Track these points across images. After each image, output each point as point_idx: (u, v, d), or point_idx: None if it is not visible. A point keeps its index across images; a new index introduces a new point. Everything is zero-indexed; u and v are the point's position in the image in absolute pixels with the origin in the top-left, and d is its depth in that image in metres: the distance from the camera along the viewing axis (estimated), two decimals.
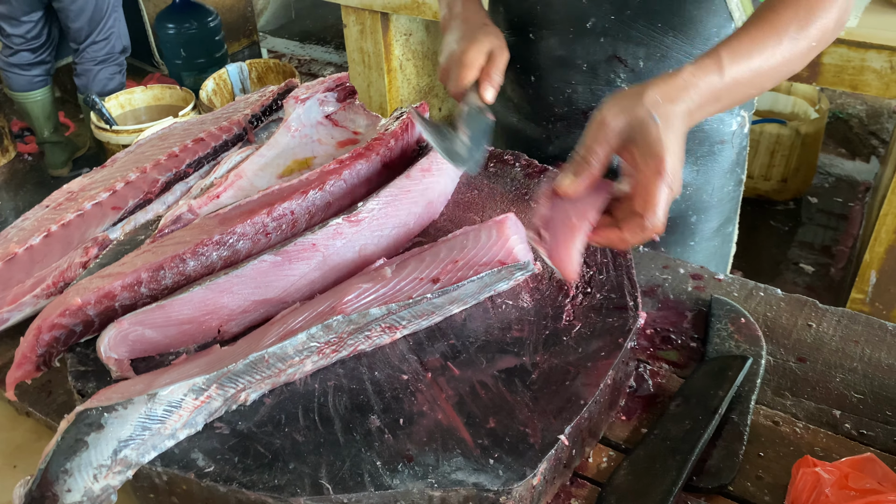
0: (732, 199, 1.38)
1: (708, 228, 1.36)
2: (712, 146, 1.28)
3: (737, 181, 1.37)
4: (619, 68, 1.19)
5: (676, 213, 1.31)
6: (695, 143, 1.26)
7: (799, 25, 0.93)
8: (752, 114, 1.32)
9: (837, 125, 3.83)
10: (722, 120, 1.26)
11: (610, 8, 1.14)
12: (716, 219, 1.36)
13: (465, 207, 1.15)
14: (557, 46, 1.22)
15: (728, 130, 1.28)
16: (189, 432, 0.80)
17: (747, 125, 1.31)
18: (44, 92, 3.20)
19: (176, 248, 0.96)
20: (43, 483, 0.73)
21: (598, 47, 1.18)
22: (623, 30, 1.16)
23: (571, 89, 1.24)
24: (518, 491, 0.75)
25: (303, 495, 0.74)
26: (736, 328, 1.00)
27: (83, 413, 0.76)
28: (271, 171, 1.15)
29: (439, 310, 0.93)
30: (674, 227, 1.31)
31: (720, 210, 1.36)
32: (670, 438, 0.85)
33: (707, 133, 1.26)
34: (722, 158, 1.30)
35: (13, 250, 1.05)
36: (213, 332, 0.93)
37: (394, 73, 3.02)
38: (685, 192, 1.30)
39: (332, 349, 0.87)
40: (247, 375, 0.82)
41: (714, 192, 1.33)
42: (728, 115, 1.26)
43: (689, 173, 1.29)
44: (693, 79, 0.85)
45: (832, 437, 0.88)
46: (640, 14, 1.14)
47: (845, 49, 2.10)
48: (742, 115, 1.29)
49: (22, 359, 0.90)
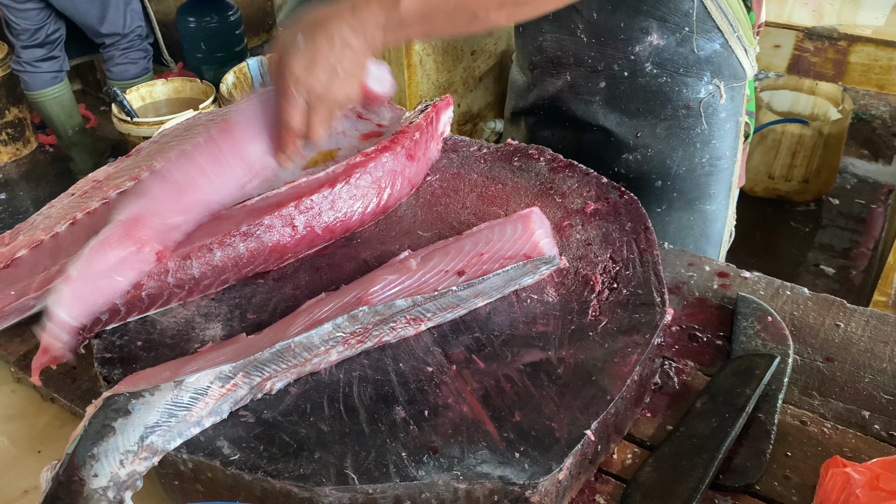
0: (710, 175, 1.34)
1: (679, 200, 1.34)
2: (676, 110, 1.27)
3: (714, 155, 1.31)
4: (577, 18, 1.23)
5: (639, 174, 1.33)
6: (656, 104, 1.27)
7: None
8: (733, 86, 1.27)
9: (860, 126, 3.79)
10: (686, 84, 1.25)
11: None
12: (687, 190, 1.34)
13: (490, 202, 1.14)
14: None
15: (694, 97, 1.25)
16: (214, 420, 0.81)
17: (724, 97, 1.27)
18: (59, 89, 3.21)
19: (204, 237, 0.96)
20: (70, 467, 0.74)
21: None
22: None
23: (542, 37, 1.31)
24: (544, 485, 0.74)
25: (328, 485, 0.74)
26: (762, 326, 0.99)
27: (110, 399, 0.76)
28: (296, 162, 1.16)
29: (464, 303, 0.92)
30: (637, 187, 1.28)
31: (692, 183, 1.33)
32: (696, 436, 0.84)
33: (668, 95, 1.26)
34: (689, 125, 1.28)
35: (39, 237, 1.05)
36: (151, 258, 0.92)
37: (413, 69, 3.02)
38: (646, 152, 1.30)
39: (358, 340, 0.87)
40: (273, 364, 0.82)
41: (682, 162, 1.31)
42: (695, 80, 1.24)
43: (650, 135, 1.29)
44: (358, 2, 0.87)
45: (861, 438, 0.87)
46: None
47: (872, 48, 2.07)
48: (716, 84, 1.25)
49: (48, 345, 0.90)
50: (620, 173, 1.33)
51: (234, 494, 0.78)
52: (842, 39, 2.09)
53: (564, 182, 1.16)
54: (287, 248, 1.02)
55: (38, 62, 3.13)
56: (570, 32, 1.25)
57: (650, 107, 1.27)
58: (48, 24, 3.09)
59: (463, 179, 1.20)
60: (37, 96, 3.19)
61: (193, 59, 3.89)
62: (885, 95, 3.94)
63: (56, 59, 3.18)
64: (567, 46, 1.27)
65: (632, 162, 1.32)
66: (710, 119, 1.29)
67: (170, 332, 0.94)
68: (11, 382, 1.04)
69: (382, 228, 1.11)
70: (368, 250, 1.06)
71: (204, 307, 0.98)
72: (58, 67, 3.19)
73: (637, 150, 1.31)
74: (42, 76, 3.15)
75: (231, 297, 0.99)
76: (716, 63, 1.24)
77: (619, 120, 1.30)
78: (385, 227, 1.11)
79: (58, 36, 3.16)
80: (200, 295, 0.99)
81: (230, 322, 0.95)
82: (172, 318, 0.96)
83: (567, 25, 1.25)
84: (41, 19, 3.07)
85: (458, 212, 1.13)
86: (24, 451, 0.95)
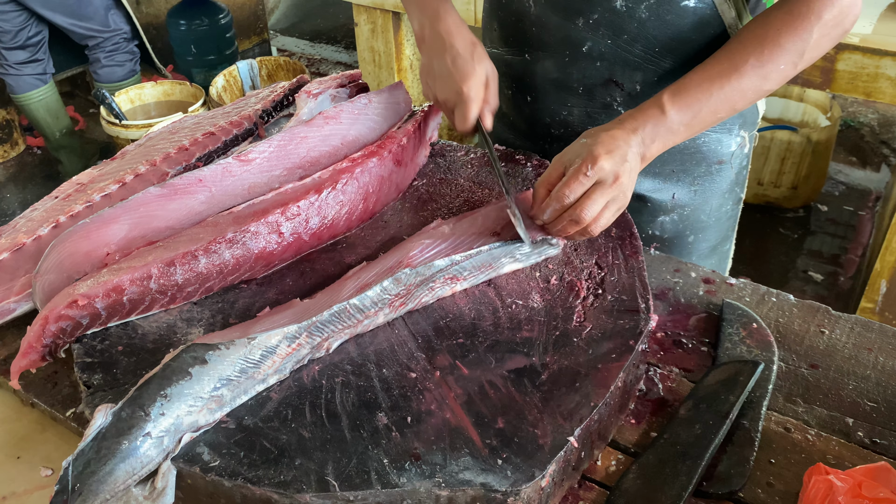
0: (731, 218, 1.37)
1: (705, 247, 1.35)
2: (710, 166, 1.26)
3: (735, 200, 1.35)
4: (615, 91, 1.18)
5: (674, 233, 1.30)
6: (692, 164, 1.25)
7: (761, 54, 0.98)
8: (753, 133, 1.29)
9: (848, 133, 3.81)
10: (720, 141, 1.24)
11: (607, 32, 1.12)
12: (713, 238, 1.35)
13: (476, 206, 1.14)
14: (553, 69, 1.20)
15: (727, 151, 1.26)
16: (279, 378, 0.85)
17: (748, 145, 1.29)
18: (44, 91, 3.20)
19: (189, 244, 0.96)
20: (135, 404, 0.76)
21: (594, 71, 1.17)
22: (620, 54, 1.14)
23: (567, 111, 1.23)
24: (526, 492, 0.74)
25: (308, 492, 0.73)
26: (748, 333, 0.99)
27: (190, 347, 0.81)
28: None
29: (496, 262, 0.97)
30: (671, 246, 1.30)
31: (718, 229, 1.34)
32: (680, 443, 0.84)
33: (705, 154, 1.24)
34: (721, 179, 1.28)
35: (21, 240, 1.04)
36: (101, 261, 0.97)
37: (404, 73, 3.02)
38: (683, 212, 1.28)
39: (401, 301, 0.93)
40: (331, 325, 0.88)
41: (712, 213, 1.31)
42: (727, 135, 1.24)
43: (686, 193, 1.27)
44: (630, 120, 0.98)
45: (845, 445, 0.86)
46: (638, 39, 1.12)
47: (860, 56, 2.08)
48: (742, 135, 1.26)
49: (28, 348, 0.90)
50: (655, 235, 1.30)
51: (214, 501, 0.77)
52: None
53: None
54: (273, 255, 1.01)
55: (20, 65, 3.12)
56: (604, 106, 1.20)
57: (685, 167, 1.25)
58: (29, 25, 3.08)
59: (450, 184, 1.20)
60: (22, 99, 3.17)
61: (183, 62, 3.88)
62: (873, 103, 3.96)
63: (39, 62, 3.16)
64: (599, 119, 1.21)
65: (667, 223, 1.29)
66: (736, 167, 1.30)
67: (151, 337, 0.93)
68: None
69: (368, 233, 1.10)
70: (353, 255, 1.06)
71: (186, 312, 0.97)
72: (41, 70, 3.18)
73: (674, 210, 1.28)
74: (26, 79, 3.14)
75: (214, 302, 0.98)
76: (744, 115, 1.24)
77: (655, 185, 1.26)
78: (371, 232, 1.11)
79: (40, 38, 3.15)
80: (184, 301, 0.98)
81: (212, 327, 0.94)
82: (154, 323, 0.95)
83: (601, 99, 1.20)
84: (21, 21, 3.06)
85: (444, 217, 1.12)
86: (3, 456, 0.94)
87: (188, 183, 1.04)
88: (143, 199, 1.02)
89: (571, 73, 1.18)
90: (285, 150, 1.11)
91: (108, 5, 3.19)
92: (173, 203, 1.03)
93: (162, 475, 0.75)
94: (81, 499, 0.71)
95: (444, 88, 1.09)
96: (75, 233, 0.98)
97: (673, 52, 1.13)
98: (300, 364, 0.87)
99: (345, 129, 1.17)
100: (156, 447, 0.76)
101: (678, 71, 1.13)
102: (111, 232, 0.99)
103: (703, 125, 1.01)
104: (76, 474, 0.72)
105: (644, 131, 0.97)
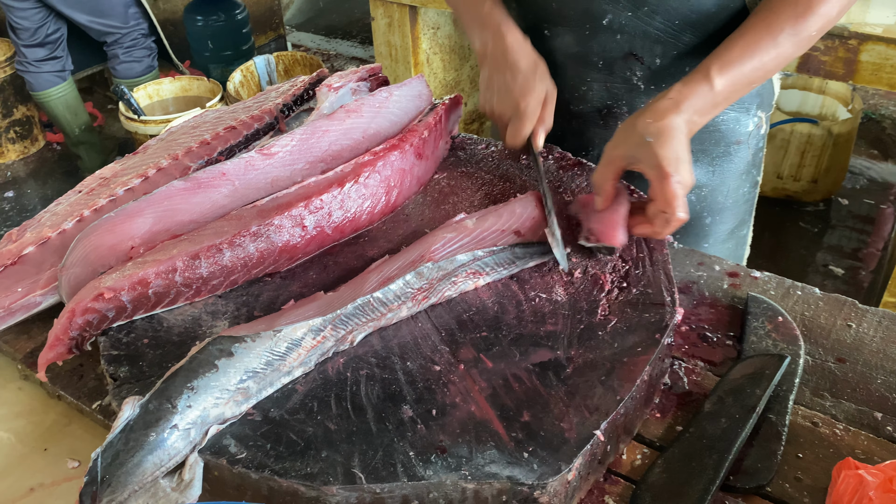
0: (748, 201, 1.35)
1: (723, 230, 1.34)
2: (728, 146, 1.25)
3: (752, 183, 1.34)
4: (635, 66, 1.17)
5: (692, 215, 1.27)
6: (711, 144, 1.24)
7: (796, 21, 0.97)
8: (769, 114, 1.29)
9: (870, 126, 3.76)
10: (738, 121, 1.23)
11: (627, 4, 1.12)
12: (730, 220, 1.34)
13: (498, 200, 1.13)
14: (573, 43, 1.19)
15: (745, 131, 1.25)
16: (304, 370, 0.86)
17: (765, 126, 1.28)
18: (63, 88, 3.21)
19: (213, 238, 0.96)
20: (162, 396, 0.77)
21: (614, 44, 1.16)
22: (640, 26, 1.13)
23: (587, 86, 1.23)
24: (553, 485, 0.73)
25: (335, 484, 0.73)
26: (773, 327, 0.98)
27: (216, 339, 0.81)
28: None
29: (519, 261, 0.98)
30: (688, 228, 1.28)
31: (735, 212, 1.33)
32: (706, 437, 0.83)
33: (723, 133, 1.24)
34: (738, 159, 1.27)
35: (46, 234, 1.05)
36: (126, 255, 0.98)
37: (421, 67, 3.01)
38: (700, 192, 1.28)
39: (424, 295, 0.93)
40: (355, 318, 0.89)
41: (729, 194, 1.30)
42: (745, 115, 1.24)
43: (704, 174, 1.26)
44: (680, 97, 0.97)
45: (874, 440, 0.86)
46: (658, 10, 1.11)
47: (883, 47, 2.05)
48: (759, 115, 1.25)
49: (54, 341, 0.90)
50: None
51: (241, 493, 0.77)
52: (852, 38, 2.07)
53: (573, 180, 1.15)
54: (297, 248, 1.02)
55: (39, 62, 3.14)
56: (625, 81, 1.19)
57: (704, 147, 1.24)
58: (48, 23, 3.10)
59: (471, 177, 1.19)
60: (41, 96, 3.19)
61: (200, 58, 3.89)
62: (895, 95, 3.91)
63: (58, 59, 3.18)
64: (619, 94, 1.21)
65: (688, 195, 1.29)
66: (752, 148, 1.29)
67: (176, 330, 0.93)
68: (18, 380, 1.04)
69: (390, 227, 1.10)
70: (375, 248, 1.06)
71: (211, 305, 0.97)
72: (60, 67, 3.20)
73: (692, 191, 1.26)
74: (45, 76, 3.16)
75: (238, 295, 0.99)
76: (761, 94, 1.23)
77: None
78: (392, 226, 1.10)
79: (58, 35, 3.17)
80: (208, 294, 0.98)
81: (237, 320, 0.95)
82: (179, 316, 0.96)
83: (621, 74, 1.19)
84: (40, 18, 3.08)
85: (465, 210, 1.12)
86: (30, 448, 0.95)
87: (211, 176, 1.05)
88: (166, 193, 1.02)
89: (591, 46, 1.18)
90: (307, 144, 1.11)
91: (126, 2, 3.20)
92: (197, 196, 1.03)
93: (189, 467, 0.76)
94: (110, 490, 0.72)
95: (502, 102, 1.11)
96: (100, 226, 0.98)
97: (692, 25, 1.12)
98: (325, 357, 0.87)
99: (366, 122, 1.17)
100: (183, 439, 0.76)
101: (698, 46, 1.13)
102: (136, 225, 0.99)
103: (739, 96, 1.02)
104: (105, 466, 0.73)
105: (695, 109, 0.97)
